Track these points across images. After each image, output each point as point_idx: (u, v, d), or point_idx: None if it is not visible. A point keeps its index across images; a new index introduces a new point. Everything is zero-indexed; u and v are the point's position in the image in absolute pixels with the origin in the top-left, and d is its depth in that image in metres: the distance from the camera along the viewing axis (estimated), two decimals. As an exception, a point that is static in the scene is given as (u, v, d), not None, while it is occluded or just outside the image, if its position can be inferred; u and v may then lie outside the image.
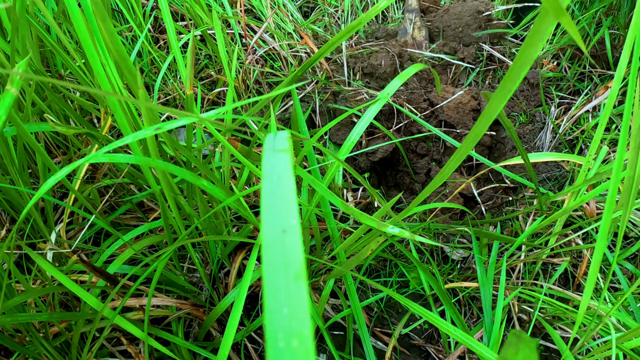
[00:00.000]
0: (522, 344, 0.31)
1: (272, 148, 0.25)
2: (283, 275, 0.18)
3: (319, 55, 0.68)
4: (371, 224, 0.53)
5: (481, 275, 0.94)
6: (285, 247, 0.19)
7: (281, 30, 1.60)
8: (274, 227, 0.20)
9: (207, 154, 1.04)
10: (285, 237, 0.19)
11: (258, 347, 0.92)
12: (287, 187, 0.22)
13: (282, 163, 0.23)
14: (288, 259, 0.18)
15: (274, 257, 0.18)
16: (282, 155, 0.24)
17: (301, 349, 0.16)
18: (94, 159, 0.53)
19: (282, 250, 0.19)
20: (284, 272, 0.18)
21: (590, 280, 0.61)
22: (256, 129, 1.03)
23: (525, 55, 0.34)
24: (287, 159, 0.24)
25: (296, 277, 0.18)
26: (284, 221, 0.20)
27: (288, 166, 0.23)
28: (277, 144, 0.25)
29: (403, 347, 0.97)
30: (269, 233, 0.19)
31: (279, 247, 0.19)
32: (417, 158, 1.44)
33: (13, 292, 0.70)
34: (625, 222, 0.59)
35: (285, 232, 0.19)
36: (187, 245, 0.79)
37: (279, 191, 0.22)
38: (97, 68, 0.58)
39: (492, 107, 0.39)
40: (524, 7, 1.84)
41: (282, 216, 0.20)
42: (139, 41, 1.13)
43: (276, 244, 0.19)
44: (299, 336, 0.16)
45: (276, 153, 0.24)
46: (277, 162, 0.24)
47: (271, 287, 0.17)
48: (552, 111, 1.53)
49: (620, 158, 0.54)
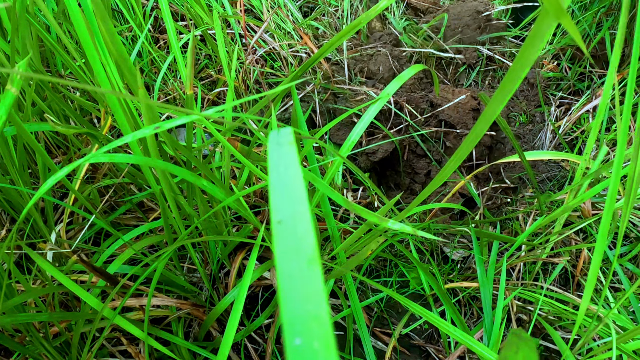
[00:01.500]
0: (522, 343, 0.31)
1: (277, 142, 0.25)
2: (296, 261, 0.18)
3: (319, 55, 0.68)
4: (373, 219, 0.53)
5: (481, 275, 0.94)
6: (296, 233, 0.19)
7: (281, 30, 1.60)
8: (284, 215, 0.20)
9: (207, 154, 1.04)
10: (296, 223, 0.19)
11: (258, 347, 0.92)
12: (295, 176, 0.22)
13: (288, 154, 0.24)
14: (300, 245, 0.18)
15: (286, 244, 0.18)
16: (287, 147, 0.24)
17: (320, 331, 0.16)
18: (94, 158, 0.53)
19: (293, 236, 0.19)
20: (297, 257, 0.18)
21: (590, 281, 0.61)
22: (256, 128, 1.03)
23: (526, 56, 0.34)
24: (293, 150, 0.24)
25: (309, 261, 0.18)
26: (294, 208, 0.20)
27: (294, 156, 0.23)
28: (282, 138, 0.25)
29: (403, 347, 0.97)
30: (280, 221, 0.19)
31: (290, 234, 0.19)
32: (417, 158, 1.44)
33: (13, 292, 0.70)
34: (627, 220, 0.58)
35: (295, 218, 0.19)
36: (187, 245, 0.79)
37: (287, 180, 0.22)
38: (97, 68, 0.58)
39: (492, 108, 0.39)
40: (523, 7, 1.84)
41: (292, 204, 0.20)
42: (139, 41, 1.13)
43: (288, 231, 0.19)
44: (316, 319, 0.16)
45: (281, 146, 0.25)
46: (283, 154, 0.24)
47: (285, 273, 0.17)
48: (552, 111, 1.53)
49: (621, 155, 0.54)
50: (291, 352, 0.16)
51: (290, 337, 0.16)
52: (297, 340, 0.16)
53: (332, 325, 0.55)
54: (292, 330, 0.16)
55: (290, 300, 0.17)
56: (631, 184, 0.55)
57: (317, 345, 0.16)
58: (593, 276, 0.59)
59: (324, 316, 0.16)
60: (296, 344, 0.16)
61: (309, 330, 0.16)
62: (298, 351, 0.16)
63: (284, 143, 0.25)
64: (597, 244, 0.57)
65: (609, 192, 0.55)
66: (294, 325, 0.16)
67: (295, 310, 0.16)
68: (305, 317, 0.16)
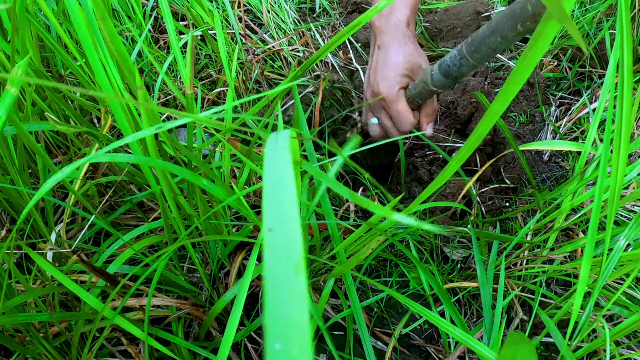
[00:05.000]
0: (521, 344, 0.31)
1: (275, 146, 0.25)
2: (284, 268, 0.18)
3: (319, 55, 0.68)
4: (379, 211, 0.53)
5: (481, 275, 0.94)
6: (285, 241, 0.19)
7: (281, 30, 1.60)
8: (274, 222, 0.20)
9: (207, 154, 1.04)
10: (286, 232, 0.19)
11: (258, 347, 0.92)
12: (287, 184, 0.22)
13: (282, 160, 0.24)
14: (288, 253, 0.19)
15: (275, 252, 0.19)
16: (281, 152, 0.25)
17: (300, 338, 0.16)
18: (95, 158, 0.53)
19: (283, 244, 0.19)
20: (285, 265, 0.18)
21: (583, 279, 0.61)
22: (257, 128, 1.03)
23: (529, 58, 0.34)
24: (287, 156, 0.24)
25: (296, 269, 0.18)
26: (285, 217, 0.20)
27: (288, 163, 0.24)
28: (279, 142, 0.26)
29: (403, 347, 0.97)
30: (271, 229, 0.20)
31: (279, 242, 0.19)
32: (418, 159, 1.44)
33: (13, 292, 0.70)
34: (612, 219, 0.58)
35: (285, 227, 0.20)
36: (187, 245, 0.79)
37: (279, 188, 0.22)
38: (97, 68, 0.58)
39: (495, 109, 0.39)
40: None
41: (283, 212, 0.20)
42: (139, 41, 1.13)
43: (277, 239, 0.19)
44: (297, 326, 0.17)
45: (276, 151, 0.25)
46: (277, 159, 0.24)
47: (271, 279, 0.18)
48: (552, 111, 1.53)
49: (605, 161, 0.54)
50: (270, 356, 0.16)
51: (270, 341, 0.16)
52: (277, 345, 0.16)
53: (321, 319, 0.55)
54: (273, 335, 0.16)
55: (274, 305, 0.17)
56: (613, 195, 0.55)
57: (295, 352, 0.16)
58: (585, 274, 0.59)
59: (304, 324, 0.16)
60: (276, 348, 0.16)
61: (289, 337, 0.16)
62: (277, 356, 0.16)
63: (279, 148, 0.25)
64: (586, 250, 0.57)
65: (594, 202, 0.55)
66: (275, 329, 0.16)
67: (278, 315, 0.17)
68: (287, 323, 0.17)
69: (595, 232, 0.56)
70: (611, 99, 0.59)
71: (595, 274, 0.81)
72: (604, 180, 0.55)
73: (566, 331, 0.68)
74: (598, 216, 0.55)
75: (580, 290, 0.61)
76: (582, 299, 0.62)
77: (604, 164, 0.55)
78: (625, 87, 0.50)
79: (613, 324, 0.98)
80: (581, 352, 0.79)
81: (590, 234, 0.56)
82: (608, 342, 0.68)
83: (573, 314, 0.64)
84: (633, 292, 1.00)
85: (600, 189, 0.55)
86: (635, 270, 0.66)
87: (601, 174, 0.55)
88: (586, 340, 0.91)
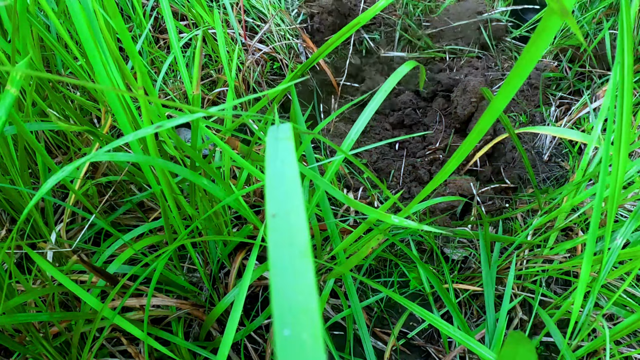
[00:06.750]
0: (521, 343, 0.31)
1: (275, 136, 0.25)
2: (289, 253, 0.18)
3: (318, 55, 0.68)
4: (375, 215, 0.53)
5: (486, 276, 0.94)
6: (290, 227, 0.19)
7: (281, 30, 1.60)
8: (278, 208, 0.20)
9: (207, 154, 1.04)
10: (290, 217, 0.19)
11: (258, 347, 0.92)
12: (291, 171, 0.22)
13: (285, 149, 0.24)
14: (293, 238, 0.18)
15: (279, 237, 0.18)
16: (284, 141, 0.25)
17: (309, 323, 0.16)
18: (95, 157, 0.53)
19: (287, 230, 0.19)
20: (290, 250, 0.18)
21: (584, 274, 0.61)
22: (256, 128, 1.03)
23: (532, 52, 0.34)
24: (290, 145, 0.24)
25: (302, 254, 0.18)
26: (289, 202, 0.20)
27: (291, 151, 0.23)
28: (280, 133, 0.26)
29: (403, 347, 0.97)
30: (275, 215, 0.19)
31: (284, 227, 0.19)
32: (417, 158, 1.44)
33: (13, 292, 0.70)
34: (613, 219, 0.58)
35: (290, 212, 0.19)
36: (187, 245, 0.79)
37: (283, 175, 0.22)
38: (97, 68, 0.58)
39: (497, 104, 0.39)
40: (524, 9, 1.84)
41: (286, 198, 0.20)
42: (139, 40, 1.13)
43: (282, 224, 0.19)
44: (306, 311, 0.16)
45: (279, 140, 0.25)
46: (280, 148, 0.24)
47: (277, 265, 0.18)
48: (553, 111, 1.53)
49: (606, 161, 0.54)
50: (280, 343, 0.16)
51: (279, 328, 0.16)
52: (286, 331, 0.16)
53: (321, 317, 0.54)
54: (281, 321, 0.16)
55: (281, 292, 0.17)
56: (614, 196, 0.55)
57: (305, 336, 0.16)
58: (587, 269, 0.59)
59: (313, 308, 0.16)
60: (285, 334, 0.16)
61: (298, 322, 0.16)
62: (287, 342, 0.16)
63: (282, 138, 0.25)
64: (587, 251, 0.57)
65: (595, 202, 0.55)
66: (284, 316, 0.16)
67: (285, 301, 0.17)
68: (296, 309, 0.16)
69: (597, 225, 0.56)
70: (615, 95, 0.59)
71: (595, 272, 0.81)
72: (606, 176, 0.55)
73: (566, 331, 0.68)
74: (600, 209, 0.55)
75: (581, 287, 0.61)
76: (583, 296, 0.62)
77: (606, 158, 0.55)
78: (625, 87, 0.50)
79: (613, 323, 0.98)
80: (581, 352, 0.79)
81: (593, 227, 0.56)
82: (608, 341, 0.68)
83: (573, 313, 0.64)
84: (634, 290, 0.99)
85: (602, 183, 0.55)
86: (636, 269, 0.66)
87: (602, 171, 0.55)
88: (586, 339, 0.91)
